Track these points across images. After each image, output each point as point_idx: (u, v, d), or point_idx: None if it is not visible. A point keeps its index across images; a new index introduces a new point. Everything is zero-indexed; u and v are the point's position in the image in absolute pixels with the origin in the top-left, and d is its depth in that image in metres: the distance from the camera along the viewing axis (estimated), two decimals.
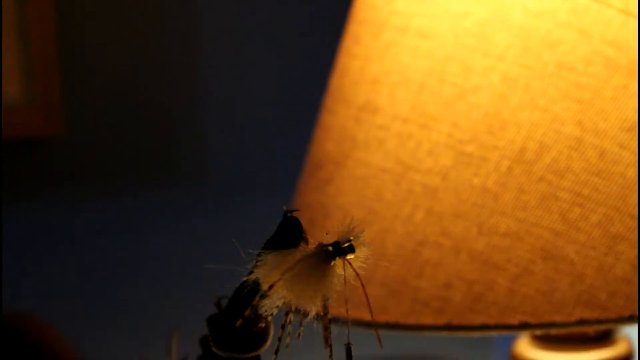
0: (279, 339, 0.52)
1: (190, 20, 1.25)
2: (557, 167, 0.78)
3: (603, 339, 0.88)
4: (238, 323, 0.52)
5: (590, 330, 0.86)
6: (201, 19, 1.25)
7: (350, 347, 0.52)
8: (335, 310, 0.52)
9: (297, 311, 0.51)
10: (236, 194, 1.29)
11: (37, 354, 0.49)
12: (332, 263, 0.50)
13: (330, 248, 0.50)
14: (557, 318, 0.77)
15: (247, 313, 0.52)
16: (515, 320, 0.78)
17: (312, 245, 0.51)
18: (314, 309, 0.50)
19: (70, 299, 1.19)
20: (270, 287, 0.51)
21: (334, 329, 0.52)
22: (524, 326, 0.78)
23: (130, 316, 1.23)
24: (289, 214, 0.52)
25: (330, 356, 0.52)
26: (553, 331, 0.80)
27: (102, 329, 1.22)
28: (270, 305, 0.51)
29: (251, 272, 0.52)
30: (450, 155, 0.80)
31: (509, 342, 0.94)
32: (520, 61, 0.80)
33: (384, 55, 0.85)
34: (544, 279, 0.77)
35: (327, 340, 0.52)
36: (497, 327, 0.78)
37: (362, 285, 0.51)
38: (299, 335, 0.52)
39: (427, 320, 0.79)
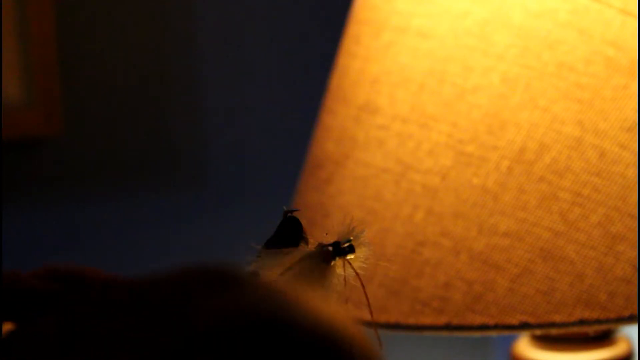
0: None
1: (190, 20, 1.25)
2: (557, 167, 0.78)
3: (603, 339, 0.88)
4: None
5: (590, 330, 0.86)
6: (201, 19, 1.25)
7: None
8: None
9: None
10: (236, 194, 1.29)
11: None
12: (332, 263, 0.50)
13: (330, 248, 0.50)
14: (557, 318, 0.77)
15: None
16: (515, 320, 0.78)
17: (312, 245, 0.51)
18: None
19: None
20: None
21: None
22: (524, 326, 0.78)
23: None
24: (289, 214, 0.52)
25: None
26: (553, 331, 0.80)
27: None
28: None
29: (254, 273, 0.52)
30: (450, 155, 0.80)
31: (509, 342, 0.94)
32: (520, 61, 0.80)
33: (384, 55, 0.85)
34: (544, 279, 0.77)
35: None
36: (497, 327, 0.78)
37: (362, 285, 0.51)
38: None
39: (427, 320, 0.79)
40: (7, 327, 0.45)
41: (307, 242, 0.52)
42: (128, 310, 0.39)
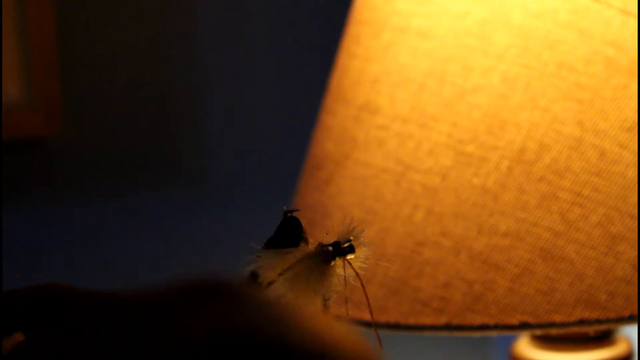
0: None
1: (190, 20, 1.25)
2: (557, 167, 0.78)
3: (603, 339, 0.88)
4: None
5: (590, 330, 0.86)
6: (201, 19, 1.25)
7: None
8: (336, 310, 0.52)
9: None
10: (236, 194, 1.29)
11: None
12: (332, 263, 0.50)
13: (330, 248, 0.50)
14: (557, 318, 0.77)
15: None
16: (515, 320, 0.78)
17: (312, 245, 0.51)
18: (314, 309, 0.50)
19: None
20: (269, 284, 0.51)
21: None
22: (524, 326, 0.78)
23: None
24: (289, 214, 0.52)
25: None
26: (553, 331, 0.80)
27: None
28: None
29: (253, 273, 0.52)
30: (450, 155, 0.80)
31: (509, 342, 0.94)
32: (520, 61, 0.80)
33: (384, 55, 0.85)
34: (544, 279, 0.77)
35: None
36: (497, 327, 0.78)
37: (362, 285, 0.50)
38: None
39: (427, 320, 0.79)
40: (18, 337, 0.45)
41: (307, 242, 0.52)
42: (129, 313, 0.39)
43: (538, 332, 0.83)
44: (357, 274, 0.51)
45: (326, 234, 0.51)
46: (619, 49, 0.78)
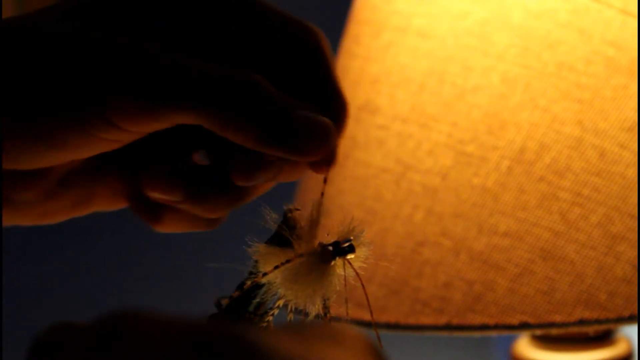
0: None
1: None
2: (557, 167, 0.78)
3: (603, 339, 0.88)
4: (224, 301, 0.52)
5: (590, 330, 0.86)
6: None
7: None
8: (335, 310, 0.52)
9: (297, 311, 0.51)
10: None
11: None
12: (332, 263, 0.50)
13: (330, 248, 0.50)
14: (557, 318, 0.77)
15: (234, 294, 0.52)
16: (515, 320, 0.78)
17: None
18: (314, 309, 0.50)
19: (70, 299, 1.19)
20: (264, 274, 0.51)
21: None
22: (524, 326, 0.78)
23: None
24: (289, 213, 0.52)
25: None
26: (553, 331, 0.80)
27: None
28: (271, 303, 0.51)
29: (251, 273, 0.52)
30: (450, 155, 0.80)
31: (509, 342, 0.94)
32: (520, 61, 0.80)
33: (384, 55, 0.85)
34: (544, 279, 0.77)
35: None
36: (497, 327, 0.78)
37: (362, 285, 0.51)
38: None
39: (427, 320, 0.79)
40: None
41: None
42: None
43: (538, 332, 0.83)
44: (357, 273, 0.51)
45: (327, 234, 0.51)
46: (619, 49, 0.78)
